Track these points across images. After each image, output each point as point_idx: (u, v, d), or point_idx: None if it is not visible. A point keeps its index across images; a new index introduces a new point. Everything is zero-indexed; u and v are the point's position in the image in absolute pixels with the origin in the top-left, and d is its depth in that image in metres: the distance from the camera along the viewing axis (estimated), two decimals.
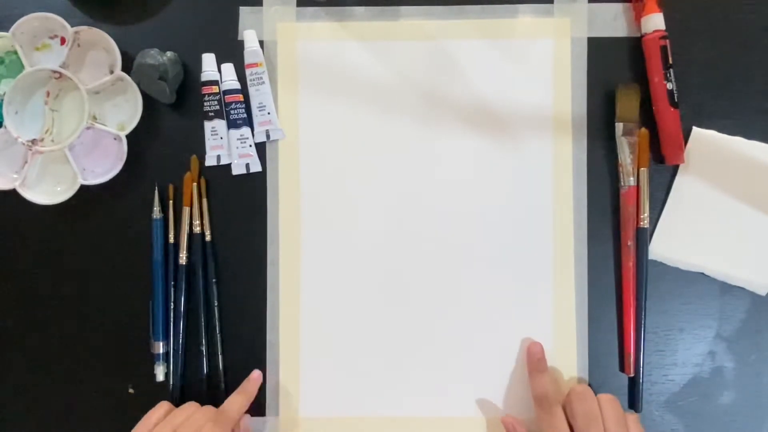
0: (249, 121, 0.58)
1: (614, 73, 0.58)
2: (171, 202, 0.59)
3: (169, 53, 0.57)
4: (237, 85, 0.58)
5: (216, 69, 0.58)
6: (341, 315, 0.58)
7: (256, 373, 0.57)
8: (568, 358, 0.57)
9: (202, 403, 0.57)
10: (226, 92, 0.58)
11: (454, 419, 0.58)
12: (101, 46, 0.58)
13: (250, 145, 0.58)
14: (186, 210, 0.58)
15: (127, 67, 0.57)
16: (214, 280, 0.58)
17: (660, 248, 0.57)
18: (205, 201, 0.58)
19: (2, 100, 0.57)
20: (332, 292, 0.58)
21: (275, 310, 0.58)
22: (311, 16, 0.59)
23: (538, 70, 0.58)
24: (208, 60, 0.58)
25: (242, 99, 0.58)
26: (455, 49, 0.58)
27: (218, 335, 0.58)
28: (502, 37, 0.58)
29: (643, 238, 0.57)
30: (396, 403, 0.58)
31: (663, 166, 0.58)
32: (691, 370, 0.57)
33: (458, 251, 0.58)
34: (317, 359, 0.58)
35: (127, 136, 0.57)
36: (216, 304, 0.58)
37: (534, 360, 0.56)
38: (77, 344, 0.59)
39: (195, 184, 0.58)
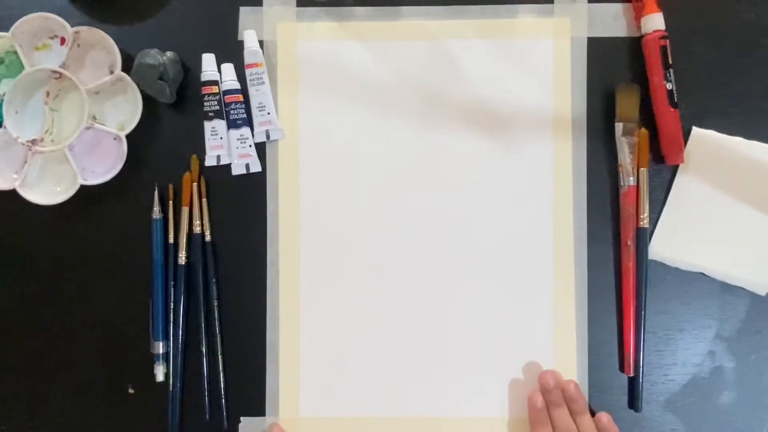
0: (249, 121, 0.58)
1: (614, 73, 0.58)
2: (171, 202, 0.59)
3: (169, 53, 0.57)
4: (237, 85, 0.58)
5: (216, 69, 0.58)
6: (341, 315, 0.58)
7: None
8: (568, 358, 0.57)
9: (202, 403, 0.57)
10: (226, 92, 0.58)
11: (454, 419, 0.58)
12: (101, 46, 0.58)
13: (250, 145, 0.58)
14: (185, 210, 0.58)
15: (127, 67, 0.57)
16: (214, 280, 0.58)
17: (660, 248, 0.57)
18: (204, 201, 0.58)
19: (2, 100, 0.57)
20: (332, 292, 0.58)
21: (275, 310, 0.58)
22: (311, 16, 0.59)
23: (538, 70, 0.58)
24: (208, 60, 0.58)
25: (242, 99, 0.58)
26: (455, 49, 0.58)
27: (218, 335, 0.58)
28: (502, 37, 0.58)
29: (643, 238, 0.57)
30: (396, 403, 0.58)
31: (663, 166, 0.58)
32: (691, 370, 0.57)
33: (458, 251, 0.58)
34: (317, 359, 0.58)
35: (127, 136, 0.57)
36: (216, 304, 0.58)
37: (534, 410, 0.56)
38: (77, 344, 0.59)
39: (195, 184, 0.58)
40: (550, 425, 0.55)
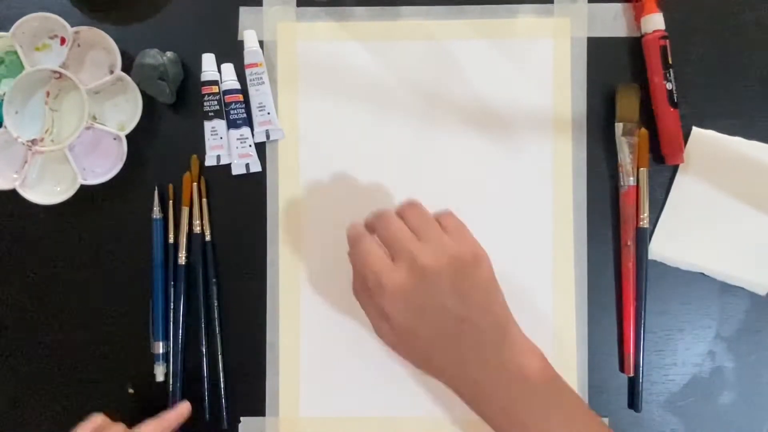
0: (249, 121, 0.58)
1: (614, 73, 0.58)
2: (171, 202, 0.59)
3: (169, 53, 0.57)
4: (237, 85, 0.58)
5: (216, 69, 0.58)
6: (341, 315, 0.58)
7: (184, 406, 0.56)
8: (568, 358, 0.57)
9: (201, 404, 0.58)
10: (226, 92, 0.58)
11: (454, 419, 0.58)
12: (101, 46, 0.58)
13: (250, 145, 0.58)
14: (185, 210, 0.58)
15: (127, 67, 0.57)
16: (214, 280, 0.58)
17: (660, 248, 0.57)
18: (204, 201, 0.58)
19: (2, 100, 0.57)
20: (332, 291, 0.58)
21: (275, 310, 0.58)
22: (311, 16, 0.59)
23: (538, 70, 0.58)
24: (208, 60, 0.58)
25: (242, 99, 0.58)
26: (455, 49, 0.58)
27: (218, 335, 0.58)
28: (502, 37, 0.58)
29: (643, 238, 0.57)
30: (396, 403, 0.58)
31: (663, 166, 0.58)
32: (691, 370, 0.57)
33: None
34: (317, 359, 0.58)
35: (127, 136, 0.57)
36: (216, 304, 0.58)
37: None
38: (77, 344, 0.59)
39: (194, 184, 0.58)
40: (372, 235, 0.49)
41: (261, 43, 0.59)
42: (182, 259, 0.58)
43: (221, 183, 0.59)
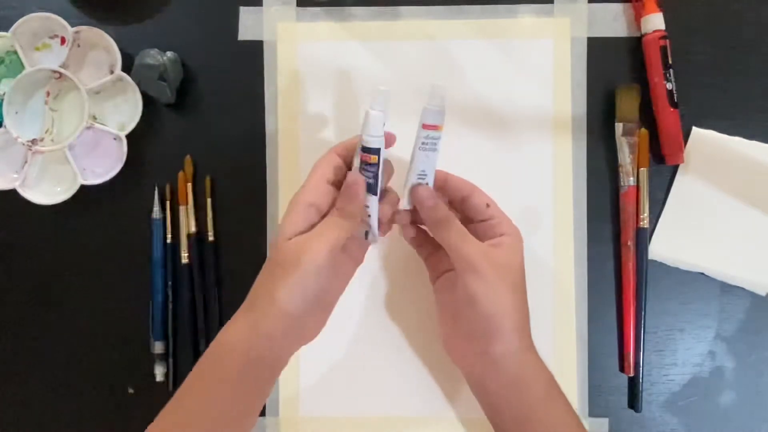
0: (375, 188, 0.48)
1: (614, 73, 0.58)
2: (168, 202, 0.58)
3: (169, 53, 0.57)
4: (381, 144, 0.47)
5: (382, 134, 0.47)
6: (341, 314, 0.58)
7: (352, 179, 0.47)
8: (568, 358, 0.57)
9: None
10: (368, 150, 0.47)
11: (454, 419, 0.58)
12: (101, 46, 0.58)
13: (369, 216, 0.49)
14: (185, 210, 0.58)
15: (127, 67, 0.57)
16: (214, 280, 0.58)
17: (660, 248, 0.57)
18: (209, 201, 0.58)
19: (2, 100, 0.57)
20: None
21: None
22: (311, 16, 0.59)
23: (538, 70, 0.58)
24: (376, 121, 0.46)
25: (376, 161, 0.47)
26: (455, 49, 0.58)
27: None
28: (502, 37, 0.58)
29: (643, 238, 0.57)
30: (396, 403, 0.58)
31: (663, 166, 0.58)
32: (691, 370, 0.57)
33: None
34: (317, 359, 0.58)
35: (127, 136, 0.57)
36: (216, 304, 0.58)
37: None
38: (77, 344, 0.59)
39: (189, 184, 0.58)
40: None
41: (261, 43, 0.59)
42: (183, 258, 0.58)
43: (222, 183, 0.59)
